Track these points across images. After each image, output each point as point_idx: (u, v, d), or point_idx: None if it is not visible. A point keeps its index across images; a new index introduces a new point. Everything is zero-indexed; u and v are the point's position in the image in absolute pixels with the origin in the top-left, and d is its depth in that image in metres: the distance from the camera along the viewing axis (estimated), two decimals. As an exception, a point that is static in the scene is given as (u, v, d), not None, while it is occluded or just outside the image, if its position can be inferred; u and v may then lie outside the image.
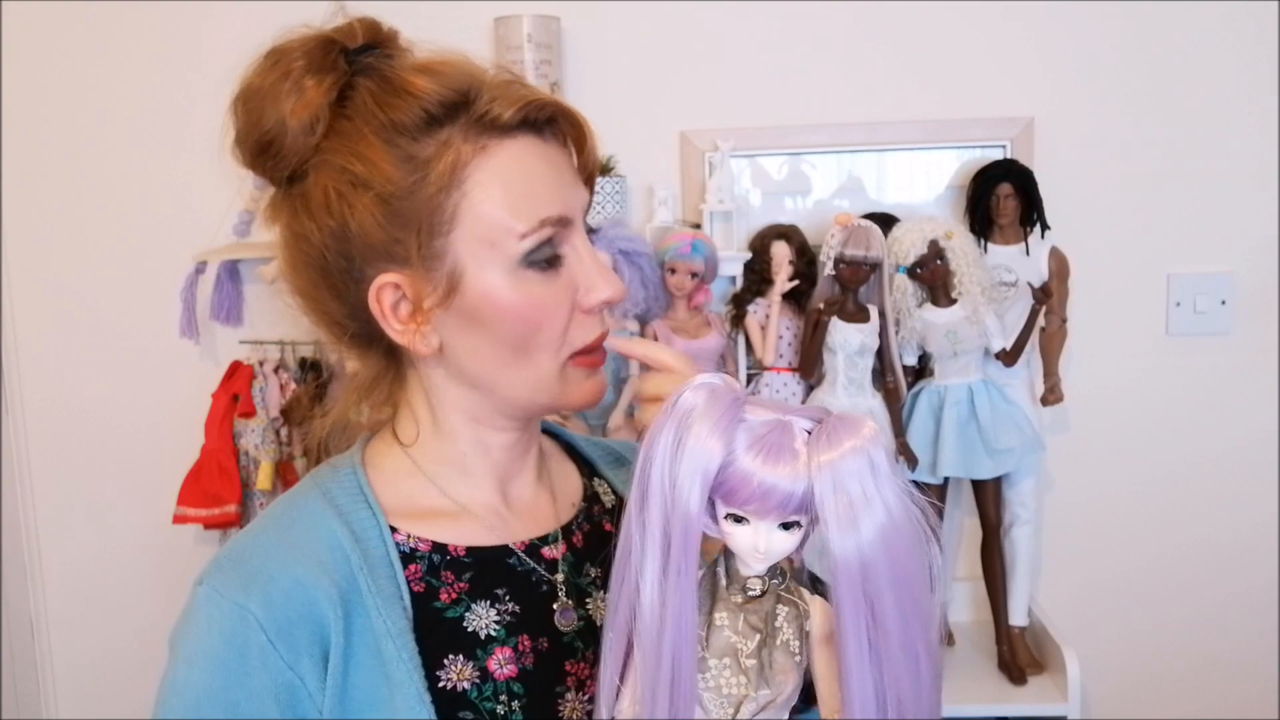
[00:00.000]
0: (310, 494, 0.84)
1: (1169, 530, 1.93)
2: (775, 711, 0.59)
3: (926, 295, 1.74)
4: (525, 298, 0.78)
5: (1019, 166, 1.79)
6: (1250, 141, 1.85)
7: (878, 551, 0.56)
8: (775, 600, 0.60)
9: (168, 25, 1.89)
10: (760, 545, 0.59)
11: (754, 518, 0.58)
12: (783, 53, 1.87)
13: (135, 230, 1.96)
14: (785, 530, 0.59)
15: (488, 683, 0.79)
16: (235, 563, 0.79)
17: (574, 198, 0.81)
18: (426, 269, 0.78)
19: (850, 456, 0.56)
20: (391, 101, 0.77)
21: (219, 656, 0.75)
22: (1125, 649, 1.96)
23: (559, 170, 0.81)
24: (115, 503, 2.01)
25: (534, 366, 0.81)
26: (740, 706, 0.58)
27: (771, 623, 0.59)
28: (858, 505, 0.56)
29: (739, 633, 0.59)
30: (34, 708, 2.06)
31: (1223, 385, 1.90)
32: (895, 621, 0.57)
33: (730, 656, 0.59)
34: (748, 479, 0.57)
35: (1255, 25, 1.82)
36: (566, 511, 0.91)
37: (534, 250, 0.78)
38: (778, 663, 0.59)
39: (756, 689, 0.58)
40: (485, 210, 0.77)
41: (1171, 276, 1.88)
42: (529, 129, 0.79)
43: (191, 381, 1.92)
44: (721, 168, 1.80)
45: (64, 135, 1.95)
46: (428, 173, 0.76)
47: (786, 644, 0.59)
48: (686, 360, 0.86)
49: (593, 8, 1.86)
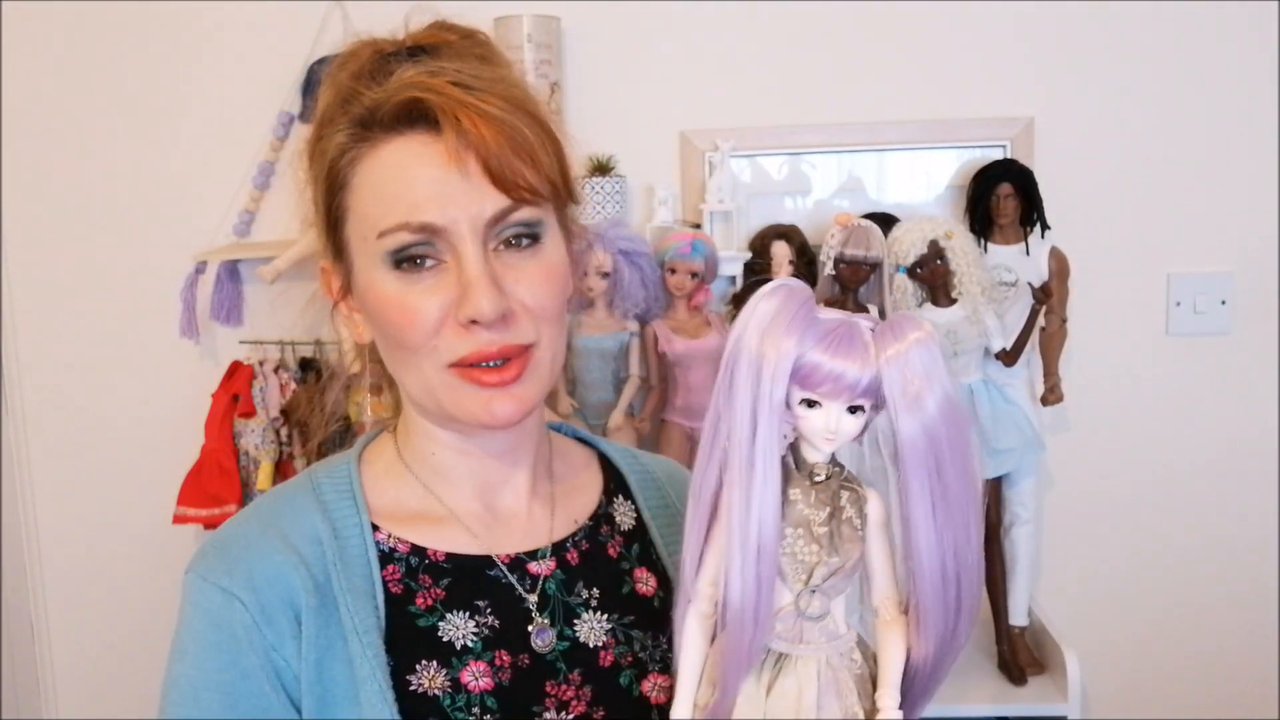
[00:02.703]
0: (301, 487, 0.85)
1: (1169, 530, 1.93)
2: (843, 577, 0.66)
3: (926, 295, 1.74)
4: (391, 297, 0.78)
5: (1019, 166, 1.79)
6: (1250, 141, 1.85)
7: (939, 426, 0.65)
8: (839, 485, 0.68)
9: (168, 25, 1.89)
10: (831, 426, 0.66)
11: (826, 400, 0.66)
12: (783, 53, 1.87)
13: (135, 230, 1.96)
14: (852, 414, 0.66)
15: (460, 693, 0.78)
16: (219, 550, 0.80)
17: (465, 204, 0.75)
18: (337, 258, 0.82)
19: (914, 346, 0.65)
20: (323, 95, 0.81)
21: (209, 641, 0.76)
22: (1125, 649, 1.96)
23: (445, 175, 0.75)
24: (115, 503, 2.01)
25: (417, 370, 0.79)
26: (813, 572, 0.66)
27: (837, 501, 0.67)
28: (921, 388, 0.64)
29: (811, 506, 0.67)
30: (34, 708, 2.06)
31: (1223, 385, 1.90)
32: (955, 485, 0.65)
33: (804, 527, 0.66)
34: (820, 366, 0.65)
35: (1255, 25, 1.82)
36: (565, 527, 0.89)
37: (397, 251, 0.76)
38: (844, 534, 0.66)
39: (828, 555, 0.66)
40: (361, 207, 0.78)
41: (1171, 276, 1.88)
42: (424, 127, 0.76)
43: (191, 381, 1.92)
44: (721, 168, 1.80)
45: (64, 135, 1.95)
46: (324, 167, 0.80)
47: (850, 520, 0.67)
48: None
49: (593, 8, 1.86)
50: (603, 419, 1.75)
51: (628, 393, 1.76)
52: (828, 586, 0.66)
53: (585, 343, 1.74)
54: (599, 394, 1.76)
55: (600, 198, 1.79)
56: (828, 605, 0.66)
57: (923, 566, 0.66)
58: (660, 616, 0.88)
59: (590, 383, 1.75)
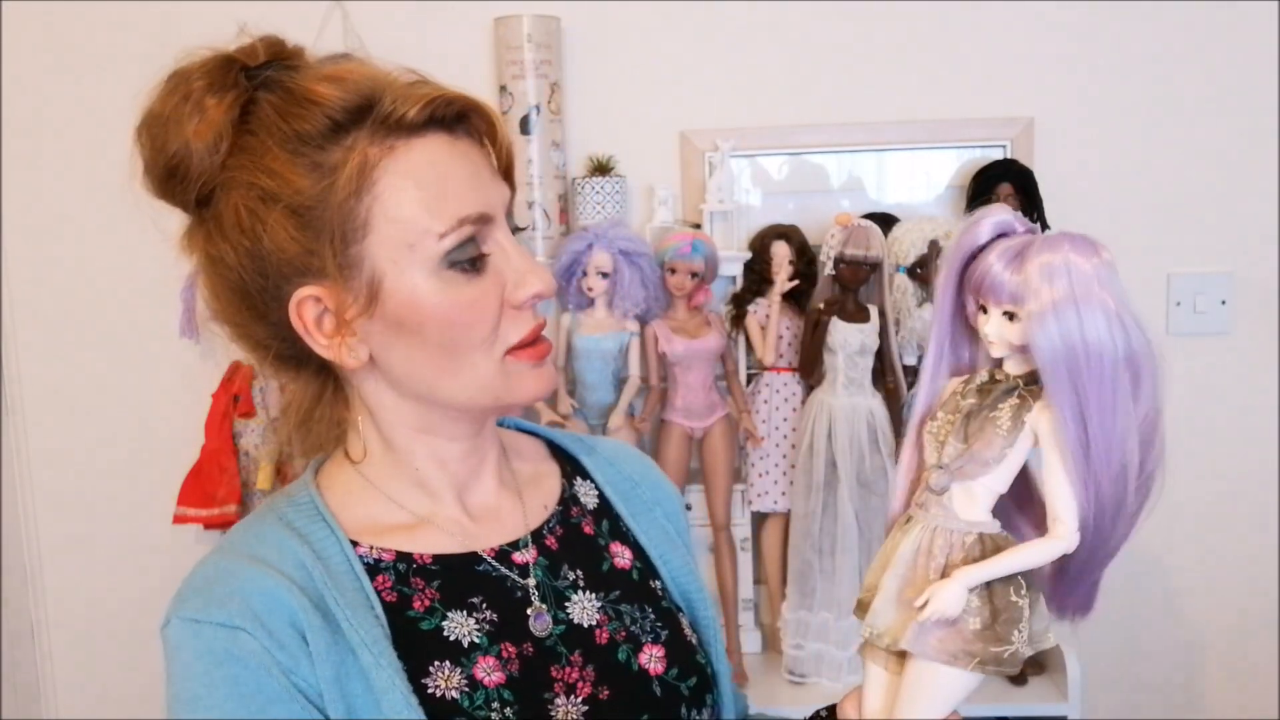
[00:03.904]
0: (266, 519, 0.82)
1: (1168, 530, 1.93)
2: (967, 462, 0.70)
3: (926, 295, 1.74)
4: (451, 299, 0.76)
5: (1019, 166, 1.79)
6: (1250, 141, 1.85)
7: (1077, 348, 0.65)
8: (1009, 391, 0.70)
9: (168, 24, 1.88)
10: (991, 330, 0.70)
11: (990, 305, 0.70)
12: (783, 53, 1.87)
13: (135, 230, 1.94)
14: (1011, 321, 0.69)
15: (478, 690, 0.78)
16: (202, 589, 0.76)
17: (494, 194, 0.79)
18: (345, 279, 0.76)
19: (1046, 264, 0.66)
20: (295, 112, 0.75)
21: (221, 679, 0.72)
22: (1125, 649, 1.96)
23: (475, 167, 0.79)
24: (115, 502, 2.01)
25: (471, 368, 0.79)
26: (943, 449, 0.71)
27: (995, 402, 0.70)
28: (1061, 303, 0.65)
29: (961, 395, 0.72)
30: (34, 708, 2.06)
31: (1223, 385, 1.90)
32: (1096, 422, 0.65)
33: (952, 413, 0.72)
34: (984, 272, 0.69)
35: (1255, 25, 1.82)
36: (537, 515, 0.90)
37: (455, 249, 0.76)
38: (983, 430, 0.70)
39: (956, 438, 0.71)
40: (400, 212, 0.75)
41: (1171, 276, 1.88)
42: (439, 127, 0.77)
43: (191, 381, 1.92)
44: (721, 168, 1.80)
45: (64, 135, 1.95)
46: (335, 179, 0.74)
47: (995, 419, 0.70)
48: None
49: (593, 8, 1.85)
50: (603, 419, 1.75)
51: (628, 393, 1.76)
52: (954, 467, 0.70)
53: (585, 343, 1.74)
54: (599, 394, 1.76)
55: (600, 198, 1.79)
56: (948, 482, 0.71)
57: (1065, 456, 0.67)
58: (641, 588, 0.90)
59: (590, 383, 1.75)
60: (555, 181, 1.80)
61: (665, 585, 0.93)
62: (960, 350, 0.75)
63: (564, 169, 1.83)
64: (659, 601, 0.90)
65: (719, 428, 1.77)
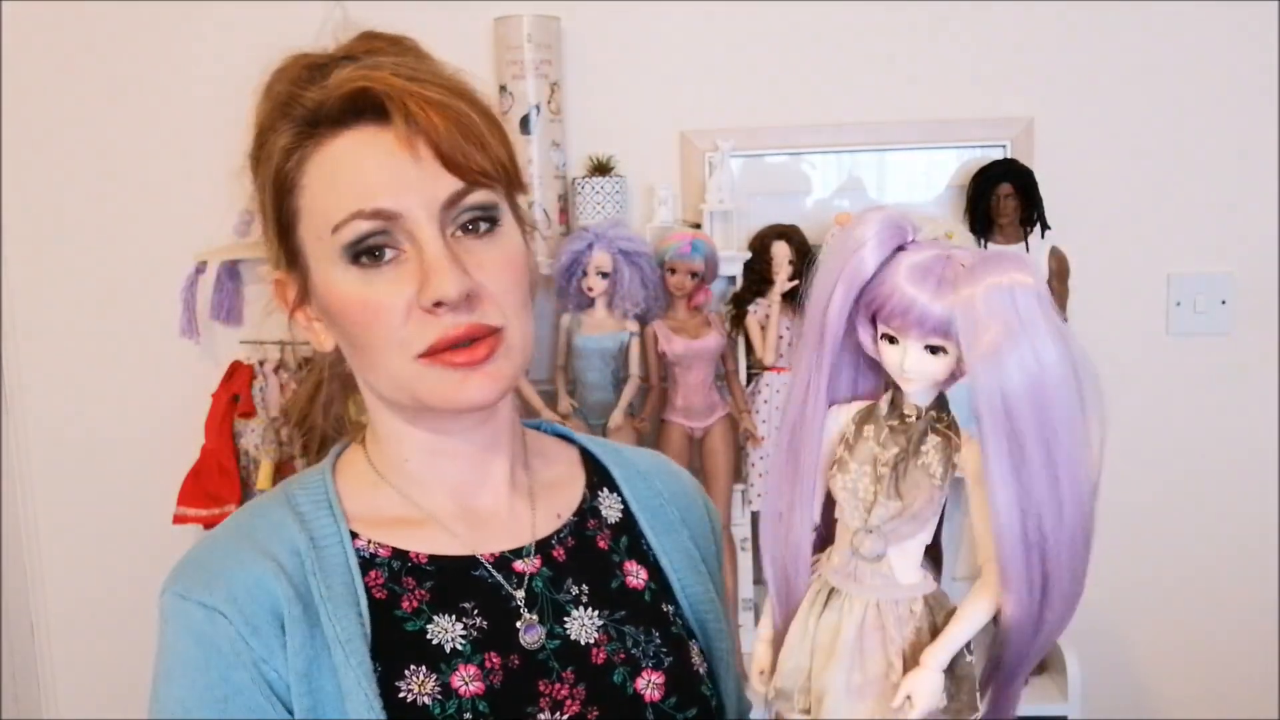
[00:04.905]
0: (276, 500, 0.83)
1: (1169, 530, 1.93)
2: (905, 522, 0.63)
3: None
4: (354, 295, 0.75)
5: (1019, 166, 1.80)
6: (1250, 141, 1.85)
7: (1018, 390, 0.58)
8: (928, 429, 0.63)
9: (168, 25, 1.88)
10: (906, 364, 0.62)
11: (900, 336, 0.62)
12: (783, 53, 1.87)
13: (135, 230, 1.96)
14: (932, 354, 0.61)
15: (450, 699, 0.76)
16: (195, 566, 0.79)
17: (419, 189, 0.74)
18: (290, 266, 0.81)
19: (991, 291, 0.58)
20: (259, 107, 0.81)
21: (195, 660, 0.74)
22: (1125, 649, 1.96)
23: (397, 161, 0.74)
24: (115, 503, 2.01)
25: (385, 366, 0.77)
26: (871, 510, 0.63)
27: (918, 444, 0.63)
28: (998, 340, 0.58)
29: (880, 443, 0.64)
30: (34, 708, 2.06)
31: (1223, 385, 1.90)
32: (1038, 458, 0.60)
33: (869, 464, 0.64)
34: (891, 295, 0.60)
35: (1255, 25, 1.82)
36: (549, 524, 0.87)
37: (353, 243, 0.74)
38: (911, 478, 0.62)
39: (887, 497, 0.63)
40: (313, 205, 0.77)
41: (1171, 276, 1.88)
42: (368, 118, 0.76)
43: (191, 381, 1.91)
44: (721, 168, 1.80)
45: (64, 135, 1.95)
46: (270, 172, 0.78)
47: (926, 466, 0.63)
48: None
49: (593, 8, 1.85)
50: (603, 419, 1.75)
51: (627, 393, 1.76)
52: (886, 529, 0.63)
53: (585, 343, 1.74)
54: (599, 394, 1.75)
55: (600, 198, 1.79)
56: (883, 548, 0.63)
57: (1000, 527, 0.62)
58: (651, 611, 0.87)
59: (590, 383, 1.75)
60: (555, 181, 1.80)
61: (680, 610, 0.89)
62: (839, 377, 0.67)
63: (564, 169, 1.83)
64: (668, 626, 0.87)
65: (719, 428, 1.77)
